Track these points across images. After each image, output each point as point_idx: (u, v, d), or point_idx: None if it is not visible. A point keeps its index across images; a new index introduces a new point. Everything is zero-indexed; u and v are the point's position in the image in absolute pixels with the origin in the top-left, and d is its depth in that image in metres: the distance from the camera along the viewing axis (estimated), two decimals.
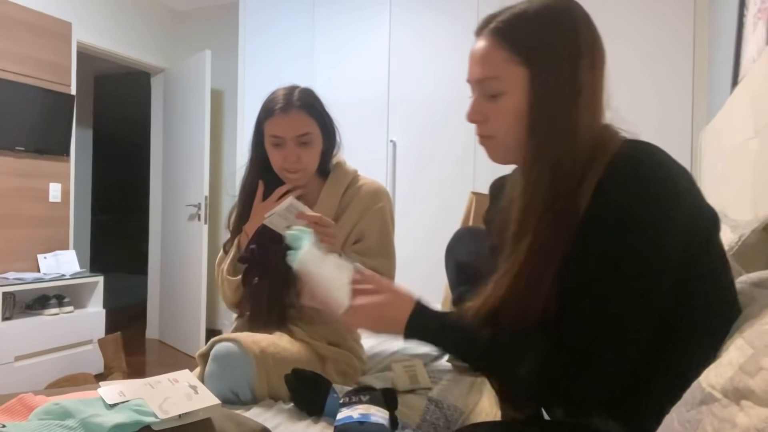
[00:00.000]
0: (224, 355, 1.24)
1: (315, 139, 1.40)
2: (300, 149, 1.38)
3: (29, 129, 3.25)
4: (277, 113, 1.36)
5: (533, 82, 0.74)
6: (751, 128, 1.22)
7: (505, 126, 0.77)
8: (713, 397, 0.49)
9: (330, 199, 1.45)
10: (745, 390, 0.45)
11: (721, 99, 1.96)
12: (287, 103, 1.36)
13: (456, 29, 3.04)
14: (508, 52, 0.75)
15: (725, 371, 0.49)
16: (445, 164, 3.07)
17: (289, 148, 1.37)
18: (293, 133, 1.36)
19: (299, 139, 1.37)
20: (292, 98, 1.37)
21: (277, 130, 1.37)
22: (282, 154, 1.38)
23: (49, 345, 3.03)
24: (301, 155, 1.38)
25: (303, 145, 1.38)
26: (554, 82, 0.74)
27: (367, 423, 1.00)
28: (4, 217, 3.18)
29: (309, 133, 1.38)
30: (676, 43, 2.60)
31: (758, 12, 1.55)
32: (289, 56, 3.56)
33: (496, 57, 0.76)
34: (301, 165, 1.39)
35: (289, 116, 1.35)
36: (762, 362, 0.46)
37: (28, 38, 3.26)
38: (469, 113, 0.80)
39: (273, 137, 1.38)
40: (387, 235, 1.47)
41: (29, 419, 0.80)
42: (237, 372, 1.23)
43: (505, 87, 0.75)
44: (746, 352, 0.49)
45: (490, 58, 0.76)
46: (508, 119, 0.77)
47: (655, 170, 0.69)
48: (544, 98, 0.74)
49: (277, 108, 1.36)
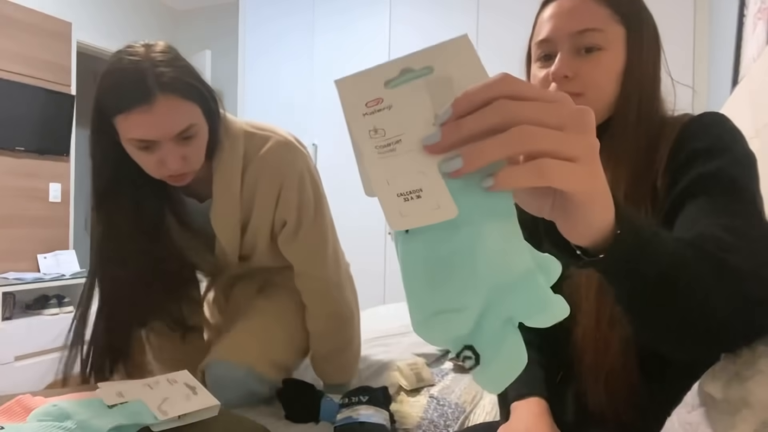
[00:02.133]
0: (214, 382, 1.16)
1: (199, 130, 1.00)
2: (182, 147, 0.98)
3: (29, 129, 3.25)
4: (137, 108, 0.91)
5: (629, 41, 0.77)
6: (751, 128, 1.22)
7: (600, 81, 0.76)
8: (713, 400, 0.49)
9: (227, 194, 1.11)
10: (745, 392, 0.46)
11: (721, 99, 1.96)
12: (148, 89, 0.91)
13: (456, 29, 3.04)
14: (610, 9, 0.77)
15: (724, 374, 0.49)
16: None
17: (167, 149, 0.96)
18: (170, 132, 0.95)
19: (179, 136, 0.97)
20: (153, 74, 0.91)
21: (143, 132, 0.93)
22: (156, 159, 0.98)
23: (49, 345, 3.03)
24: (187, 154, 0.99)
25: (185, 141, 0.98)
26: (646, 44, 0.78)
27: (368, 423, 1.00)
28: (4, 217, 3.18)
29: (191, 125, 0.97)
30: (676, 42, 2.60)
31: (758, 12, 1.55)
32: (288, 56, 3.55)
33: (599, 12, 0.77)
34: (188, 166, 1.01)
35: (158, 109, 0.92)
36: (760, 365, 0.46)
37: (28, 38, 3.26)
38: (559, 67, 0.77)
39: (137, 141, 0.95)
40: (308, 207, 1.16)
41: (27, 420, 0.80)
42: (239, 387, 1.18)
43: (605, 42, 0.76)
44: (745, 355, 0.49)
45: (593, 11, 0.77)
46: (605, 74, 0.76)
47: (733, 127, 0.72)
48: (639, 60, 0.77)
49: (132, 99, 0.91)
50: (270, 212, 1.15)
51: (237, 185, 1.10)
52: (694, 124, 0.73)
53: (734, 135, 0.72)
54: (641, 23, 0.78)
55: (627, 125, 0.76)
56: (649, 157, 0.73)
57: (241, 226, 1.17)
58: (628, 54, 0.77)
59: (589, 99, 0.77)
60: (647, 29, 0.79)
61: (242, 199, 1.13)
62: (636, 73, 0.77)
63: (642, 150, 0.74)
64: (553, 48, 0.79)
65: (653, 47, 0.79)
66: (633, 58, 0.77)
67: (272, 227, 1.18)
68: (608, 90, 0.77)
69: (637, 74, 0.77)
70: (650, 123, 0.76)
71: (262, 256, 1.25)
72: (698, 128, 0.73)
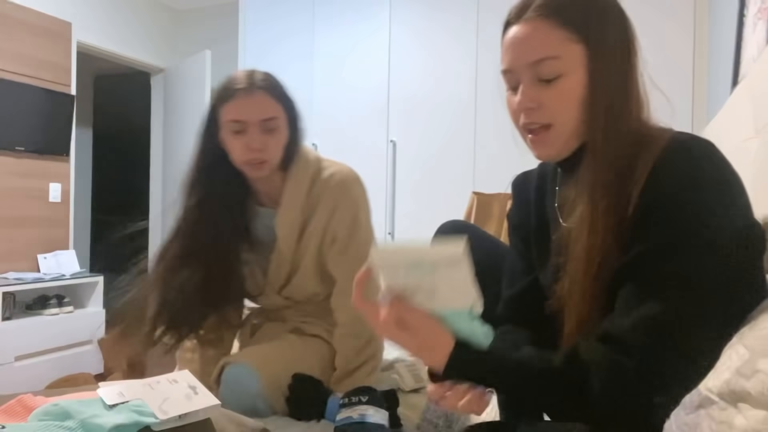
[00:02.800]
0: (233, 381, 1.21)
1: (281, 126, 1.24)
2: (265, 136, 1.21)
3: (29, 129, 3.26)
4: (240, 95, 1.20)
5: (591, 60, 0.72)
6: (751, 128, 1.22)
7: (566, 109, 0.73)
8: (711, 401, 0.49)
9: (295, 198, 1.30)
10: (742, 393, 0.46)
11: (721, 99, 1.96)
12: (250, 84, 1.21)
13: (456, 29, 3.04)
14: (564, 30, 0.72)
15: (722, 375, 0.49)
16: (445, 164, 3.07)
17: (253, 134, 1.20)
18: (258, 116, 1.20)
19: (264, 125, 1.21)
20: (254, 78, 1.22)
21: (239, 113, 1.20)
22: (244, 142, 1.21)
23: (49, 345, 3.03)
24: (267, 142, 1.22)
25: (268, 132, 1.22)
26: (611, 57, 0.72)
27: (367, 423, 1.00)
28: (4, 217, 3.18)
29: (275, 117, 1.22)
30: (676, 43, 2.60)
31: (758, 12, 1.55)
32: (289, 56, 3.56)
33: (552, 36, 0.72)
34: (266, 154, 1.22)
35: (253, 97, 1.20)
36: (758, 365, 0.46)
37: (28, 38, 3.26)
38: (521, 101, 0.75)
39: (233, 122, 1.21)
40: (360, 230, 1.31)
41: (28, 420, 0.80)
42: (249, 393, 1.20)
43: (565, 67, 0.72)
44: (743, 355, 0.49)
45: (545, 38, 0.72)
46: (569, 101, 0.73)
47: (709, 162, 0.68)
48: (603, 77, 0.72)
49: (238, 89, 1.20)
50: (323, 226, 1.31)
51: (303, 196, 1.30)
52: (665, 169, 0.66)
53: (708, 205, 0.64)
54: (603, 35, 0.72)
55: (596, 153, 0.72)
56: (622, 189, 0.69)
57: (299, 231, 1.32)
58: (590, 75, 0.72)
59: (558, 128, 0.75)
60: (612, 38, 0.73)
61: (305, 208, 1.31)
62: (600, 94, 0.72)
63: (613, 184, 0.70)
64: (515, 78, 0.76)
65: (621, 56, 0.73)
66: (596, 77, 0.72)
67: (322, 240, 1.32)
68: (575, 115, 0.73)
69: (602, 96, 0.72)
70: (621, 145, 0.71)
71: (306, 270, 1.35)
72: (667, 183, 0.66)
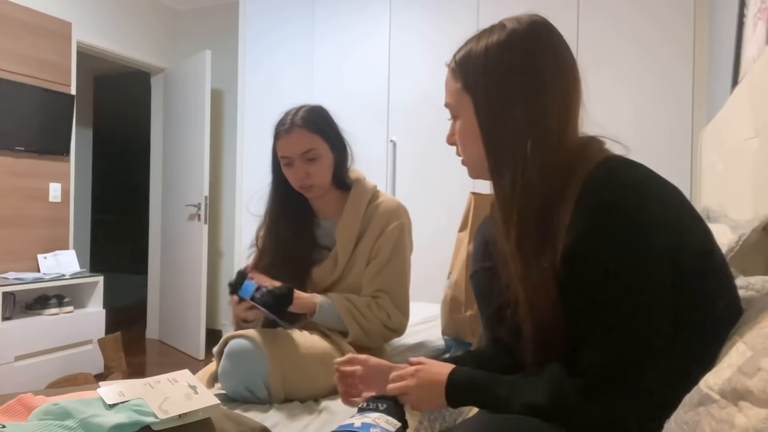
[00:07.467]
0: (238, 352, 1.25)
1: (322, 154, 1.47)
2: (307, 165, 1.46)
3: (29, 129, 3.25)
4: (282, 135, 1.46)
5: (476, 105, 0.84)
6: (751, 128, 1.22)
7: (464, 145, 0.89)
8: (711, 399, 0.49)
9: (353, 217, 1.52)
10: (743, 391, 0.45)
11: (721, 99, 1.96)
12: (290, 124, 1.45)
13: (456, 30, 3.04)
14: (459, 82, 0.86)
15: (723, 373, 0.49)
16: (445, 164, 3.07)
17: (297, 165, 1.46)
18: (297, 151, 1.44)
19: (305, 156, 1.45)
20: (294, 118, 1.46)
21: (284, 150, 1.46)
22: (292, 172, 1.47)
23: (49, 345, 3.03)
24: (310, 171, 1.46)
25: (310, 162, 1.46)
26: (492, 105, 0.82)
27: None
28: (4, 217, 3.18)
29: (313, 149, 1.45)
30: (676, 43, 2.60)
31: (758, 12, 1.55)
32: (289, 56, 3.55)
33: (451, 86, 0.88)
34: (311, 180, 1.47)
35: (292, 136, 1.45)
36: (761, 363, 0.46)
37: (28, 38, 3.26)
38: (447, 136, 0.93)
39: (282, 158, 1.47)
40: (399, 252, 1.52)
41: (29, 419, 0.80)
42: (251, 369, 1.23)
43: (458, 112, 0.87)
44: (745, 353, 0.49)
45: (447, 86, 0.89)
46: (464, 139, 0.88)
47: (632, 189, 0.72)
48: (488, 119, 0.83)
49: (282, 130, 1.46)
50: (372, 242, 1.52)
51: (361, 213, 1.53)
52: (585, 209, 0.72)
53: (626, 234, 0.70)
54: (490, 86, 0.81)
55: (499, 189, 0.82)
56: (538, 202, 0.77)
57: (354, 242, 1.53)
58: (477, 114, 0.83)
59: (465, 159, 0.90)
60: (503, 88, 0.81)
61: (361, 223, 1.53)
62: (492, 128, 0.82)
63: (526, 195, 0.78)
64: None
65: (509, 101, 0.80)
66: (483, 116, 0.83)
67: (369, 255, 1.52)
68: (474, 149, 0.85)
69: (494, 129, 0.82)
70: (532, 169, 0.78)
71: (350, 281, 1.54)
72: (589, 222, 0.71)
